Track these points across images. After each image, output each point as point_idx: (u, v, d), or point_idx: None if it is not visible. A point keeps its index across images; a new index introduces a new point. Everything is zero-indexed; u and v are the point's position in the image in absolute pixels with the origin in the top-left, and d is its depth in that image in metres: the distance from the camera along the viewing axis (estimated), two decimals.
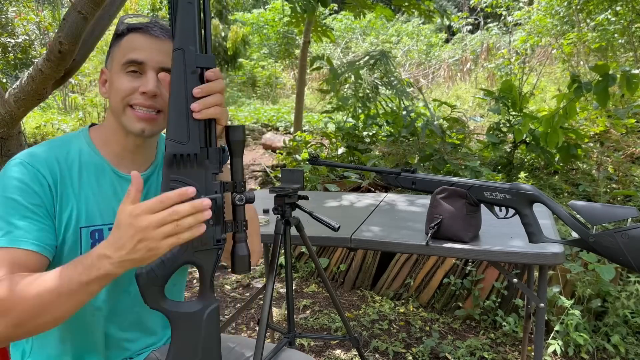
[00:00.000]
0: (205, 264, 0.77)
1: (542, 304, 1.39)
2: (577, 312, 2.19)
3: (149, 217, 0.68)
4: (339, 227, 1.19)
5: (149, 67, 0.90)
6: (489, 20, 11.83)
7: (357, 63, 4.78)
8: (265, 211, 1.81)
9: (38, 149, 0.92)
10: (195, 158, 0.75)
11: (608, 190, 3.52)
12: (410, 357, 2.26)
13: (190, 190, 0.70)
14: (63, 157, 0.92)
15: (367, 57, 4.73)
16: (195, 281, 3.17)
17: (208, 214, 0.71)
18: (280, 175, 1.36)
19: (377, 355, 2.28)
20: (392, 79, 4.48)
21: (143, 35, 0.91)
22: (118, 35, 0.94)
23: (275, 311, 2.75)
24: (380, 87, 4.59)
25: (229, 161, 0.82)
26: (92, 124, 1.01)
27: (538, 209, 1.33)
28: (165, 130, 0.81)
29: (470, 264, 2.63)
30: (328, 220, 1.19)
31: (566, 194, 3.61)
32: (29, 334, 0.82)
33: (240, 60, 11.39)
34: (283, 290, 3.04)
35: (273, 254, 1.18)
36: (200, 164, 0.76)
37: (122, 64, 0.90)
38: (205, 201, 0.71)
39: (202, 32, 0.76)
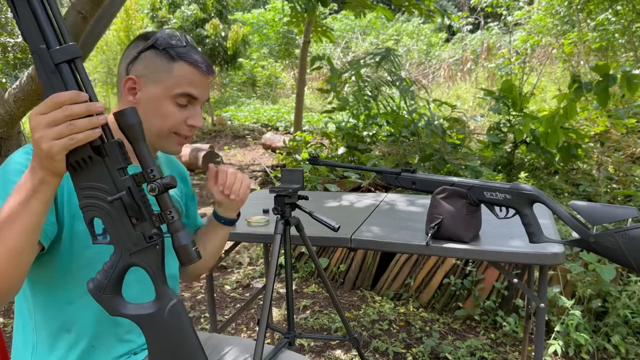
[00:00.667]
0: (148, 263, 0.76)
1: (542, 304, 1.38)
2: (577, 312, 2.18)
3: (42, 116, 0.67)
4: (339, 227, 1.18)
5: (199, 102, 0.98)
6: (489, 20, 11.83)
7: (363, 60, 4.78)
8: (265, 211, 1.81)
9: None
10: (90, 160, 0.72)
11: (608, 190, 3.52)
12: (411, 358, 2.26)
13: (84, 94, 0.69)
14: None
15: (372, 55, 4.72)
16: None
17: (103, 118, 0.70)
18: (280, 175, 1.34)
19: (377, 356, 2.28)
20: (396, 77, 4.47)
21: (196, 70, 0.96)
22: (163, 53, 0.94)
23: (275, 311, 2.75)
24: (383, 86, 4.58)
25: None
26: None
27: (538, 209, 1.33)
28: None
29: (470, 264, 2.63)
30: (328, 221, 1.18)
31: (566, 194, 3.61)
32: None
33: (240, 60, 11.39)
34: (283, 291, 3.04)
35: (273, 254, 1.16)
36: (98, 164, 0.73)
37: (177, 94, 0.95)
38: (99, 104, 0.69)
39: (55, 24, 0.69)
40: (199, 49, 1.00)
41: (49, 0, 0.69)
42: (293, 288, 3.05)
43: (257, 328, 2.61)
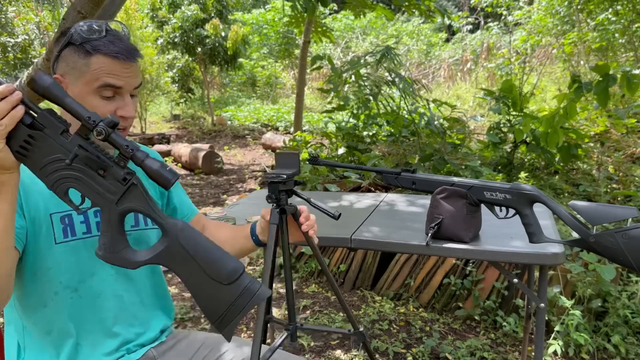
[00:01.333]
0: (137, 204, 0.78)
1: (542, 304, 1.38)
2: (577, 312, 2.18)
3: None
4: (340, 214, 1.10)
5: (125, 91, 0.94)
6: (489, 20, 11.83)
7: (363, 59, 4.78)
8: None
9: None
10: (32, 139, 0.74)
11: (608, 190, 3.52)
12: (411, 358, 2.26)
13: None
14: None
15: (372, 53, 4.71)
16: None
17: (17, 94, 0.71)
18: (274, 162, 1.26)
19: (377, 356, 2.28)
20: (395, 75, 4.47)
21: (115, 61, 0.92)
22: (79, 48, 0.92)
23: (275, 311, 2.74)
24: (383, 85, 4.58)
25: None
26: None
27: (538, 209, 1.33)
28: None
29: (470, 264, 2.63)
30: (327, 208, 1.08)
31: (566, 194, 3.60)
32: None
33: (240, 60, 11.39)
34: (283, 291, 3.04)
35: (268, 248, 1.07)
36: (41, 139, 0.74)
37: (98, 87, 0.92)
38: (7, 85, 0.71)
39: None
40: (123, 35, 0.97)
41: None
42: (293, 288, 3.05)
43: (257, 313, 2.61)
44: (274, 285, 3.07)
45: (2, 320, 2.65)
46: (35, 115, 0.74)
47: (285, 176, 1.02)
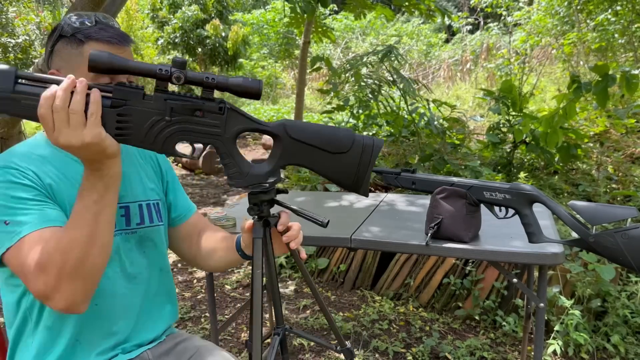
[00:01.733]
0: (240, 125, 0.83)
1: (542, 304, 1.39)
2: (577, 312, 2.19)
3: (52, 132, 0.73)
4: (328, 221, 0.99)
5: (122, 76, 0.92)
6: (489, 20, 11.83)
7: (365, 58, 4.77)
8: None
9: (3, 155, 0.94)
10: (123, 117, 0.77)
11: (608, 190, 3.52)
12: (410, 357, 2.26)
13: (51, 87, 0.72)
14: (27, 155, 0.94)
15: (373, 52, 4.71)
16: (195, 281, 3.17)
17: (82, 81, 0.73)
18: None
19: (377, 355, 2.28)
20: (397, 75, 4.47)
21: (108, 45, 0.92)
22: (71, 39, 0.93)
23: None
24: (383, 85, 4.58)
25: None
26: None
27: (538, 209, 1.33)
28: None
29: (470, 264, 2.63)
30: (314, 216, 0.98)
31: (566, 194, 3.61)
32: (90, 280, 0.85)
33: (241, 60, 11.40)
34: (283, 291, 3.05)
35: (255, 263, 0.95)
36: (131, 112, 0.78)
37: (94, 74, 0.91)
38: (68, 77, 0.73)
39: None
40: (113, 24, 0.96)
41: None
42: (293, 288, 3.06)
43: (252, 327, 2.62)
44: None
45: (1, 319, 2.66)
46: (110, 94, 0.76)
47: (267, 185, 0.91)
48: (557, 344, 2.13)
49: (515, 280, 1.46)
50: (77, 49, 0.92)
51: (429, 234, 1.41)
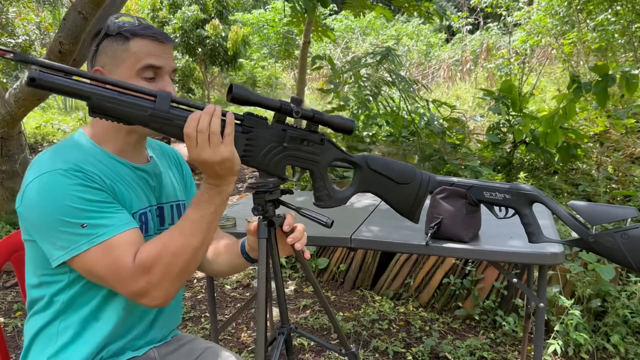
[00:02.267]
0: (334, 155, 0.99)
1: (542, 304, 1.39)
2: (577, 312, 2.19)
3: (197, 150, 0.83)
4: (332, 222, 1.00)
5: (164, 72, 0.97)
6: (489, 21, 11.83)
7: (364, 59, 4.77)
8: None
9: (60, 156, 0.92)
10: (249, 140, 0.90)
11: (608, 190, 3.53)
12: (410, 357, 2.26)
13: (209, 107, 0.83)
14: (85, 158, 0.94)
15: (372, 54, 4.72)
16: (195, 281, 3.17)
17: (217, 108, 0.84)
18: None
19: (377, 355, 2.29)
20: (396, 76, 4.47)
21: (152, 42, 0.96)
22: (117, 38, 0.95)
23: (275, 311, 2.75)
24: (383, 86, 4.58)
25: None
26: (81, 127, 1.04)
27: (538, 209, 1.34)
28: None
29: (470, 263, 2.63)
30: (318, 216, 0.99)
31: (566, 194, 3.61)
32: (186, 279, 0.95)
33: (241, 60, 11.40)
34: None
35: (260, 264, 0.96)
36: (256, 137, 0.90)
37: (140, 68, 0.94)
38: (208, 106, 0.84)
39: None
40: (154, 26, 1.01)
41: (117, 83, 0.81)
42: (293, 287, 3.06)
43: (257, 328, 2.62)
44: (273, 284, 3.08)
45: (2, 320, 2.65)
46: (241, 121, 0.88)
47: (271, 185, 0.94)
48: (557, 343, 2.13)
49: (515, 280, 1.46)
50: (122, 45, 0.95)
51: (429, 234, 1.41)
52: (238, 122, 0.88)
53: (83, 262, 0.88)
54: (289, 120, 0.95)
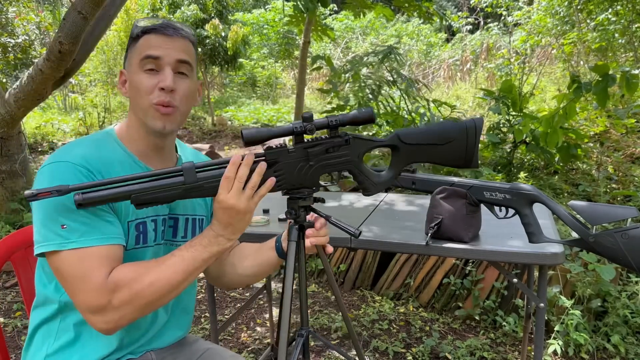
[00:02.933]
0: (362, 149, 1.00)
1: (542, 304, 1.39)
2: (577, 312, 2.19)
3: (228, 195, 0.87)
4: (360, 232, 1.05)
5: (165, 63, 0.95)
6: (489, 20, 11.83)
7: (365, 58, 4.77)
8: (265, 211, 1.81)
9: (73, 149, 0.94)
10: (277, 171, 0.94)
11: (608, 190, 3.52)
12: (410, 357, 2.26)
13: (235, 158, 0.86)
14: (99, 155, 0.95)
15: (373, 53, 4.71)
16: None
17: (264, 164, 0.89)
18: None
19: (377, 355, 2.28)
20: (397, 76, 4.47)
21: (157, 35, 0.96)
22: (134, 39, 0.98)
23: (275, 311, 2.75)
24: (384, 86, 4.57)
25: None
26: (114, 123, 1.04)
27: (538, 209, 1.33)
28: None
29: (470, 264, 2.63)
30: (347, 226, 1.04)
31: (566, 194, 3.61)
32: (146, 313, 0.93)
33: (241, 60, 11.39)
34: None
35: (288, 265, 1.00)
36: (282, 167, 0.95)
37: (140, 60, 0.95)
38: (251, 156, 0.89)
39: None
40: (177, 24, 1.00)
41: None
42: (293, 287, 3.05)
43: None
44: (273, 284, 3.08)
45: (2, 320, 2.65)
46: (264, 157, 0.92)
47: (306, 192, 1.00)
48: (558, 344, 2.13)
49: (515, 280, 1.46)
50: (135, 43, 0.97)
51: (429, 234, 1.41)
52: (260, 158, 0.91)
53: (52, 260, 0.88)
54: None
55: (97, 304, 0.85)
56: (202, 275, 1.23)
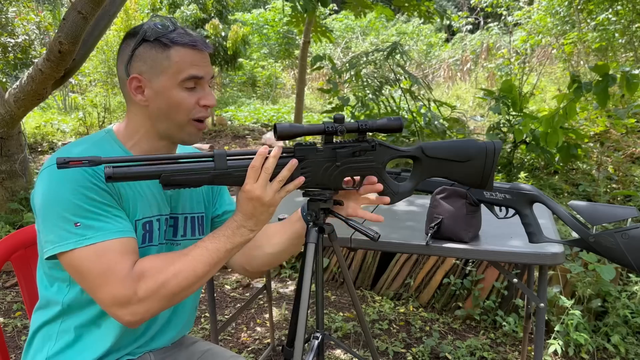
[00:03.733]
0: (387, 155, 1.01)
1: (542, 304, 1.39)
2: (577, 312, 2.19)
3: (255, 185, 0.87)
4: (379, 236, 1.03)
5: (205, 81, 0.97)
6: (489, 20, 11.83)
7: (370, 55, 4.76)
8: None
9: (73, 149, 0.94)
10: (305, 168, 0.95)
11: (608, 190, 3.53)
12: (410, 357, 2.26)
13: (262, 149, 0.87)
14: (99, 155, 0.92)
15: (376, 50, 4.70)
16: None
17: (295, 161, 0.90)
18: None
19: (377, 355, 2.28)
20: (403, 72, 4.46)
21: (193, 51, 0.94)
22: (160, 46, 0.92)
23: (275, 311, 2.75)
24: (385, 85, 4.57)
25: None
26: (110, 124, 1.03)
27: (538, 209, 1.33)
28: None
29: (470, 264, 2.63)
30: (366, 230, 1.02)
31: (566, 194, 3.61)
32: (172, 304, 0.93)
33: (240, 60, 11.38)
34: (282, 290, 3.04)
35: (307, 266, 0.99)
36: (310, 164, 0.95)
37: (182, 79, 0.93)
38: (279, 149, 0.89)
39: None
40: (188, 27, 0.99)
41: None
42: (293, 287, 3.05)
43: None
44: (273, 284, 3.08)
45: (2, 320, 2.65)
46: (293, 153, 0.93)
47: (327, 194, 1.00)
48: (558, 344, 2.13)
49: (515, 280, 1.46)
50: (162, 53, 0.92)
51: (429, 234, 1.41)
52: (290, 154, 0.92)
53: (70, 260, 0.87)
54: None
55: (123, 295, 0.85)
56: None
